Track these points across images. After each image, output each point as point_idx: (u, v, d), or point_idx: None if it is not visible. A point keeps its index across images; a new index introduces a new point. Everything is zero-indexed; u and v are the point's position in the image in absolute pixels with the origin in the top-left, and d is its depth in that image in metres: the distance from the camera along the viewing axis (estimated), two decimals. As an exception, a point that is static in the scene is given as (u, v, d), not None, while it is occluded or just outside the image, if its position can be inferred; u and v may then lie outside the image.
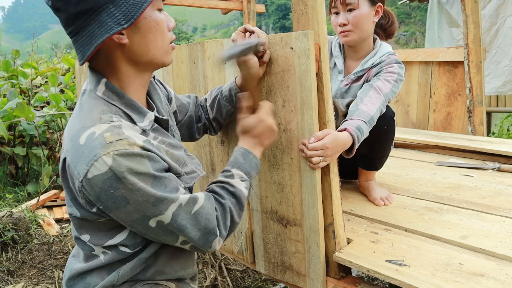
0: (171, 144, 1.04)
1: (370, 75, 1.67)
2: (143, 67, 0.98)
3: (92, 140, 0.86)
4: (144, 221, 0.90)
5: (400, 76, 1.61)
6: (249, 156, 1.12)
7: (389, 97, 1.56)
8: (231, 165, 1.10)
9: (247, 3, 4.71)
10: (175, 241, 0.95)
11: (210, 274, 2.78)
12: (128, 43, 0.92)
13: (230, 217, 1.02)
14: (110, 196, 0.85)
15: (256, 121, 1.16)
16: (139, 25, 0.92)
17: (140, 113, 0.98)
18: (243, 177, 1.08)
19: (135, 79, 0.99)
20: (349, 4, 1.58)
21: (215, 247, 0.99)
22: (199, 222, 0.95)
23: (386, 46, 1.71)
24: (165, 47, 0.98)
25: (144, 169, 0.87)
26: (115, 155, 0.84)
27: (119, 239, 0.97)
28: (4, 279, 2.42)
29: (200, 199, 0.97)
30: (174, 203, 0.91)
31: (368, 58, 1.68)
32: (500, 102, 4.68)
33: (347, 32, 1.62)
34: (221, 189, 1.05)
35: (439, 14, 4.89)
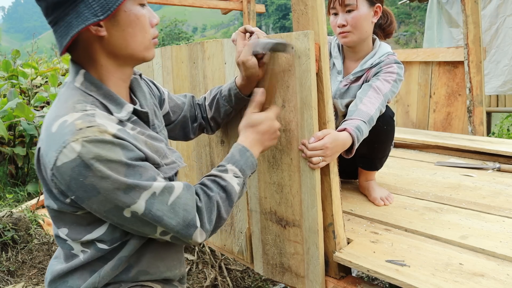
0: (151, 136, 1.02)
1: (369, 75, 1.67)
2: (123, 61, 0.97)
3: (63, 128, 0.85)
4: (118, 212, 0.88)
5: (399, 76, 1.61)
6: (246, 153, 1.09)
7: (389, 97, 1.56)
8: (227, 160, 1.08)
9: (247, 3, 4.71)
10: (154, 231, 0.92)
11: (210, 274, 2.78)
12: (106, 35, 0.91)
13: (216, 211, 0.99)
14: (80, 184, 0.83)
15: (265, 118, 1.13)
16: (118, 18, 0.91)
17: (118, 104, 0.97)
18: (237, 174, 1.05)
19: (114, 73, 0.97)
20: (348, 5, 1.58)
21: (196, 240, 0.95)
22: (177, 212, 0.92)
23: (385, 46, 1.71)
24: (145, 42, 0.97)
25: (115, 156, 0.85)
26: (84, 142, 0.82)
27: (98, 234, 0.95)
28: (4, 279, 2.42)
29: (177, 188, 0.94)
30: (146, 190, 0.88)
31: (367, 59, 1.68)
32: (500, 102, 4.68)
33: (346, 33, 1.62)
34: (211, 182, 1.02)
35: (438, 14, 4.89)
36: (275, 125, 1.15)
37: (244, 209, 1.49)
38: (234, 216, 1.55)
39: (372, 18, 1.63)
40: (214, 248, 1.76)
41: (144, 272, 1.03)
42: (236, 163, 1.07)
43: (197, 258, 2.98)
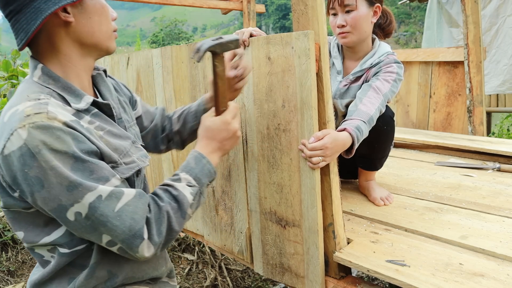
0: (112, 132, 0.98)
1: (369, 75, 1.67)
2: (87, 50, 0.96)
3: (14, 116, 0.82)
4: (61, 212, 0.83)
5: (399, 76, 1.61)
6: (202, 161, 1.04)
7: (388, 97, 1.56)
8: (181, 169, 1.03)
9: (247, 3, 4.71)
10: (100, 240, 0.87)
11: (210, 274, 2.78)
12: (73, 22, 0.91)
13: (167, 223, 0.92)
14: (25, 176, 0.80)
15: (220, 123, 1.08)
16: (85, 6, 0.92)
17: (77, 95, 0.94)
18: (190, 183, 0.99)
19: (77, 63, 0.96)
20: (347, 5, 1.58)
21: (143, 253, 0.89)
22: (123, 221, 0.86)
23: (385, 46, 1.71)
24: (109, 32, 0.99)
25: (63, 146, 0.81)
26: (30, 128, 0.79)
27: (56, 236, 0.91)
28: (4, 279, 2.42)
29: (127, 195, 0.88)
30: (91, 192, 0.83)
31: (367, 58, 1.68)
32: (500, 102, 4.68)
33: (346, 34, 1.62)
34: (163, 192, 0.97)
35: (438, 14, 4.89)
36: (233, 128, 1.10)
37: (244, 209, 1.49)
38: (234, 216, 1.55)
39: (371, 18, 1.63)
40: (214, 248, 1.76)
41: (130, 278, 1.01)
42: (190, 171, 1.01)
43: (197, 258, 2.98)
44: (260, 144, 1.36)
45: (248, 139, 1.40)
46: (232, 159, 1.49)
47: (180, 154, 1.80)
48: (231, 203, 1.55)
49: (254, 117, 1.36)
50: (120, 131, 1.02)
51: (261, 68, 1.29)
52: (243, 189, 1.47)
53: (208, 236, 1.73)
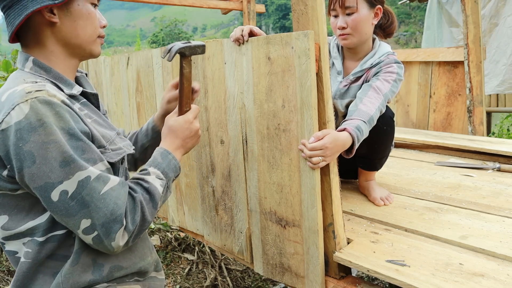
0: (98, 122, 1.03)
1: (369, 75, 1.67)
2: (72, 50, 1.02)
3: (13, 94, 0.86)
4: (46, 191, 0.85)
5: (399, 76, 1.60)
6: (168, 156, 1.09)
7: (389, 97, 1.56)
8: (149, 164, 1.07)
9: (247, 3, 4.71)
10: (78, 225, 0.88)
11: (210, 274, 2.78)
12: (58, 23, 0.96)
13: (140, 212, 0.95)
14: (18, 151, 0.82)
15: (183, 121, 1.14)
16: (71, 9, 0.97)
17: (68, 84, 1.00)
18: (159, 176, 1.04)
19: (63, 61, 1.01)
20: (348, 7, 1.58)
21: (118, 242, 0.91)
22: (107, 204, 0.89)
23: (385, 46, 1.71)
24: (93, 36, 1.03)
25: (61, 122, 0.85)
26: (33, 102, 0.83)
27: (39, 222, 0.92)
28: (4, 279, 2.42)
29: (112, 181, 0.92)
30: (81, 171, 0.86)
31: (367, 59, 1.68)
32: (500, 102, 4.67)
33: (346, 36, 1.62)
34: (135, 184, 1.00)
35: (439, 14, 4.89)
36: (194, 127, 1.16)
37: (244, 209, 1.49)
38: (234, 216, 1.55)
39: (372, 20, 1.63)
40: (214, 248, 1.76)
41: (117, 267, 1.01)
42: (158, 165, 1.06)
43: (197, 258, 2.98)
44: (260, 144, 1.36)
45: (248, 139, 1.40)
46: (232, 159, 1.49)
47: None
48: (231, 203, 1.55)
49: (254, 117, 1.36)
50: (105, 122, 1.08)
51: (261, 68, 1.29)
52: (243, 189, 1.47)
53: (208, 236, 1.73)
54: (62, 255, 0.95)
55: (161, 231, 3.26)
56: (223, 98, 1.47)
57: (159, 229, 3.26)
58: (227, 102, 1.46)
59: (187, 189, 1.79)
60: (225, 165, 1.53)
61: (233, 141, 1.47)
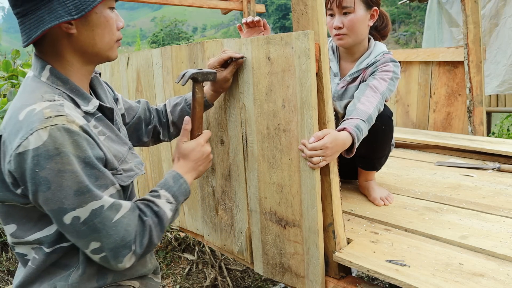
0: (111, 138, 1.03)
1: (366, 75, 1.67)
2: (89, 58, 1.00)
3: (31, 116, 0.85)
4: (59, 214, 0.86)
5: (395, 74, 1.61)
6: (180, 180, 1.11)
7: (386, 95, 1.56)
8: (160, 186, 1.08)
9: (247, 3, 4.71)
10: (87, 246, 0.91)
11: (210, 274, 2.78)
12: (76, 33, 0.94)
13: (148, 236, 0.98)
14: (33, 176, 0.83)
15: (195, 145, 1.18)
16: (89, 18, 0.95)
17: (85, 98, 0.99)
18: (169, 200, 1.06)
19: (79, 69, 1.00)
20: (345, 7, 1.58)
21: (125, 264, 0.95)
22: (118, 231, 0.91)
23: (381, 45, 1.71)
24: (111, 43, 1.01)
25: (78, 151, 0.85)
26: (51, 130, 0.83)
27: (47, 233, 0.94)
28: (4, 279, 2.42)
29: (124, 208, 0.94)
30: (96, 200, 0.88)
31: (363, 59, 1.69)
32: (500, 102, 4.67)
33: (342, 36, 1.63)
34: (145, 207, 1.02)
35: (439, 14, 4.88)
36: (206, 151, 1.19)
37: (244, 209, 1.49)
38: (234, 216, 1.55)
39: (368, 21, 1.64)
40: (214, 248, 1.76)
41: (121, 275, 1.03)
42: (169, 189, 1.08)
43: (197, 258, 2.98)
44: (260, 144, 1.36)
45: (248, 139, 1.40)
46: (232, 159, 1.49)
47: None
48: (231, 203, 1.55)
49: (254, 117, 1.36)
50: (118, 137, 1.06)
51: (261, 68, 1.29)
52: (243, 189, 1.47)
53: (208, 236, 1.73)
54: (64, 264, 0.97)
55: (161, 231, 3.25)
56: (223, 98, 1.47)
57: (159, 229, 3.26)
58: (227, 102, 1.46)
59: (187, 189, 1.79)
60: (225, 165, 1.53)
61: (233, 141, 1.47)
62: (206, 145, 1.20)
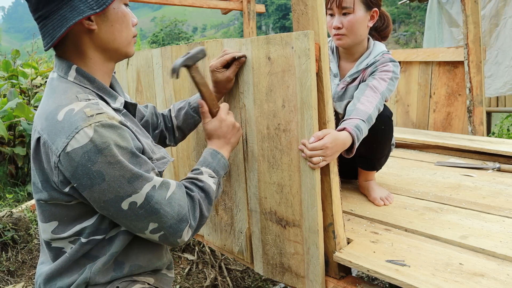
0: (138, 132, 1.07)
1: (365, 75, 1.67)
2: (109, 55, 1.02)
3: (72, 115, 0.88)
4: (117, 202, 0.90)
5: (395, 74, 1.61)
6: (217, 155, 1.18)
7: (386, 95, 1.56)
8: (200, 164, 1.14)
9: (247, 3, 4.71)
10: (145, 228, 0.96)
11: (210, 274, 2.78)
12: (96, 29, 0.96)
13: (199, 209, 1.04)
14: (87, 171, 0.86)
15: (218, 122, 1.23)
16: (107, 14, 0.97)
17: (112, 96, 1.03)
18: (211, 174, 1.12)
19: (102, 66, 1.02)
20: (345, 7, 1.58)
21: (184, 238, 1.00)
22: (173, 207, 0.97)
23: (380, 45, 1.71)
24: (129, 38, 1.04)
25: (124, 142, 0.90)
26: (96, 127, 0.86)
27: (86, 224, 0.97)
28: (4, 279, 2.42)
29: (172, 185, 1.00)
30: (148, 182, 0.93)
31: (363, 59, 1.68)
32: (500, 102, 4.67)
33: (341, 36, 1.62)
34: (190, 184, 1.08)
35: (439, 14, 4.89)
36: (230, 122, 1.24)
37: (244, 209, 1.49)
38: (234, 216, 1.55)
39: (368, 22, 1.64)
40: (214, 248, 1.75)
41: (137, 266, 1.05)
42: (209, 165, 1.15)
43: (197, 258, 2.98)
44: (260, 144, 1.36)
45: (248, 139, 1.40)
46: (232, 159, 1.49)
47: (180, 154, 1.80)
48: (231, 203, 1.55)
49: (254, 117, 1.36)
50: (142, 131, 1.11)
51: (261, 68, 1.29)
52: (243, 189, 1.47)
53: (208, 236, 1.73)
54: (94, 255, 1.01)
55: (161, 231, 3.25)
56: (223, 98, 1.47)
57: (159, 229, 3.26)
58: (227, 102, 1.46)
59: (187, 189, 1.79)
60: (225, 165, 1.53)
61: (233, 141, 1.47)
62: (228, 117, 1.25)
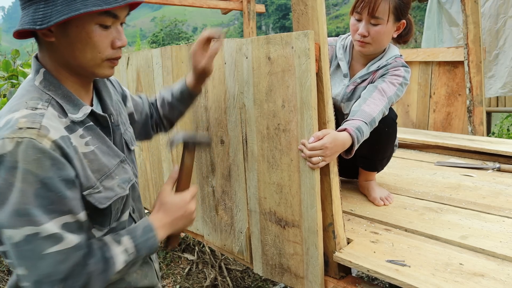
0: (101, 149, 0.96)
1: (376, 77, 1.65)
2: (74, 70, 0.95)
3: (8, 123, 0.83)
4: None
5: (405, 80, 1.59)
6: (149, 234, 1.00)
7: (393, 100, 1.55)
8: (127, 231, 0.99)
9: (247, 3, 4.71)
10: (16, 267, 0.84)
11: (210, 274, 2.78)
12: (55, 42, 0.90)
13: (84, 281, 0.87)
14: None
15: (179, 200, 1.08)
16: (68, 31, 0.88)
17: (76, 105, 0.94)
18: (128, 250, 0.95)
19: (69, 77, 0.95)
20: (377, 18, 1.53)
21: None
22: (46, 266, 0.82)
23: (394, 49, 1.69)
24: (96, 61, 0.93)
25: (38, 170, 0.81)
26: (17, 142, 0.79)
27: None
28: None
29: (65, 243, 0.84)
30: (32, 226, 0.80)
31: (375, 61, 1.66)
32: (500, 102, 4.67)
33: (365, 44, 1.59)
34: (97, 249, 0.92)
35: (439, 13, 4.88)
36: (190, 209, 1.09)
37: (244, 209, 1.49)
38: (234, 216, 1.55)
39: (393, 32, 1.61)
40: (214, 248, 1.75)
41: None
42: (134, 238, 0.97)
43: (197, 258, 2.98)
44: (260, 144, 1.36)
45: (248, 139, 1.40)
46: (232, 159, 1.49)
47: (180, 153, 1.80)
48: (231, 203, 1.55)
49: (254, 117, 1.36)
50: (110, 148, 1.00)
51: (261, 68, 1.29)
52: (243, 189, 1.47)
53: (208, 236, 1.73)
54: None
55: (161, 231, 3.25)
56: (223, 98, 1.47)
57: (159, 229, 3.26)
58: (227, 102, 1.46)
59: (187, 189, 1.79)
60: (225, 165, 1.53)
61: (233, 141, 1.47)
62: (191, 202, 1.10)
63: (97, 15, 0.88)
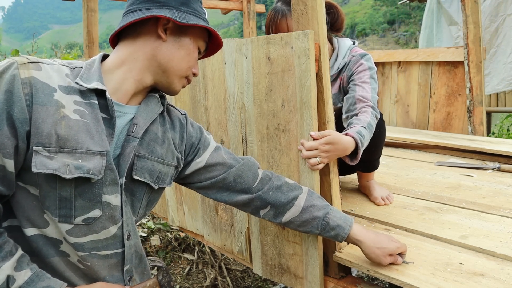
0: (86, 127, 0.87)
1: (343, 80, 1.63)
2: (154, 67, 1.00)
3: None
4: None
5: (371, 70, 1.57)
6: None
7: (375, 96, 1.53)
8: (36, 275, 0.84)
9: (247, 3, 4.71)
10: None
11: (210, 274, 2.78)
12: (165, 43, 0.98)
13: None
14: None
15: None
16: (182, 38, 1.00)
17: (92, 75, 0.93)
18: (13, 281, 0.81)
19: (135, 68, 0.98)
20: None
21: None
22: None
23: (344, 41, 1.65)
24: (184, 71, 1.03)
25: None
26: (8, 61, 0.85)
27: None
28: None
29: None
30: None
31: (332, 63, 1.63)
32: (500, 102, 4.68)
33: None
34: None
35: (438, 13, 4.89)
36: None
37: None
38: (234, 216, 1.55)
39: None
40: (214, 248, 1.75)
41: None
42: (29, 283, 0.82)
43: (197, 258, 2.98)
44: (260, 144, 1.36)
45: (248, 139, 1.40)
46: (232, 159, 1.49)
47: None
48: (231, 203, 1.55)
49: (253, 117, 1.36)
50: (99, 135, 0.90)
51: (261, 68, 1.29)
52: (243, 189, 1.47)
53: (208, 236, 1.73)
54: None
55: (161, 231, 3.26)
56: (223, 98, 1.47)
57: (159, 229, 3.26)
58: (227, 102, 1.46)
59: (187, 189, 1.79)
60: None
61: (233, 141, 1.47)
62: None
63: (202, 41, 1.05)
